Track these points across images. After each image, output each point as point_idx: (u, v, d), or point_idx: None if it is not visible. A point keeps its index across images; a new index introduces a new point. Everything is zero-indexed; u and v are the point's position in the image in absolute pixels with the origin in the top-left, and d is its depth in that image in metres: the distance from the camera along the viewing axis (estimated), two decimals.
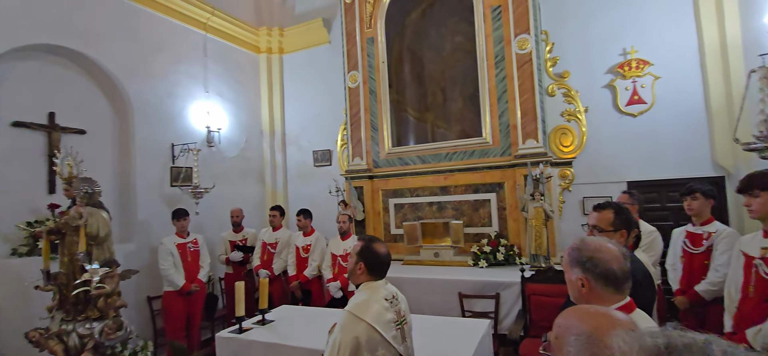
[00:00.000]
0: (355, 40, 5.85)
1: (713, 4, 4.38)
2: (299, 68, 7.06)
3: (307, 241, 4.96)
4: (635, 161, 4.78)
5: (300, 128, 7.04)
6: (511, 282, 3.99)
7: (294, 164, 7.09)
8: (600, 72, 5.00)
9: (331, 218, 5.93)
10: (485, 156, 5.07)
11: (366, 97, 5.81)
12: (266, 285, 3.38)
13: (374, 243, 2.04)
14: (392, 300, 1.99)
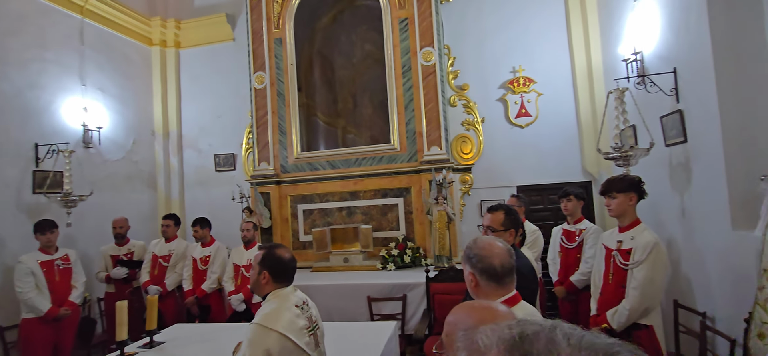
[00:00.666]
0: (262, 39, 5.61)
1: (582, 34, 5.11)
2: (199, 65, 6.54)
3: (205, 252, 4.57)
4: (523, 167, 5.33)
5: (199, 130, 6.51)
6: (417, 283, 4.15)
7: (192, 168, 6.52)
8: (494, 86, 5.49)
9: (234, 227, 5.56)
10: (393, 162, 5.22)
11: (274, 99, 5.60)
12: (155, 303, 3.02)
13: (277, 250, 1.95)
14: (303, 306, 1.93)
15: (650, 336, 2.55)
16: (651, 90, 3.54)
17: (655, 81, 3.50)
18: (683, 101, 3.33)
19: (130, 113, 5.99)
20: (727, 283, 2.94)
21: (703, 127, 3.10)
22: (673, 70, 3.39)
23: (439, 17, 5.20)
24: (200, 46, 6.52)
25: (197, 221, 4.66)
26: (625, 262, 2.62)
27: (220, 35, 6.43)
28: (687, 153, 3.35)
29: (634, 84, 3.68)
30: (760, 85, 2.81)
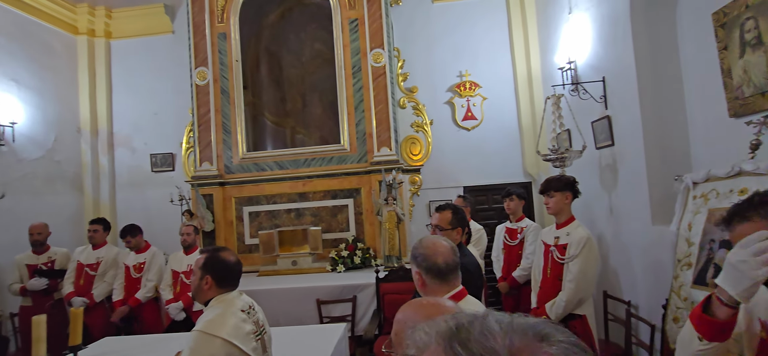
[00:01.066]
0: (205, 33, 5.33)
1: (522, 43, 5.40)
2: (133, 58, 6.07)
3: (140, 258, 4.23)
4: (469, 168, 5.52)
5: (133, 128, 6.04)
6: (367, 284, 4.14)
7: (125, 168, 6.03)
8: (442, 90, 5.64)
9: (173, 231, 5.22)
10: (343, 163, 5.18)
11: (217, 96, 5.34)
12: (80, 316, 2.74)
13: (221, 253, 1.85)
14: (249, 310, 1.85)
15: (583, 325, 2.74)
16: (583, 97, 3.81)
17: (586, 89, 3.77)
18: (611, 107, 3.62)
19: (51, 107, 5.42)
20: (649, 274, 3.23)
21: (627, 132, 3.39)
22: (602, 79, 3.68)
23: (389, 19, 5.24)
24: (135, 37, 6.06)
25: (126, 230, 4.23)
26: (561, 257, 2.79)
27: (157, 27, 6.02)
28: (614, 156, 3.65)
29: (569, 91, 3.95)
30: (674, 94, 3.13)
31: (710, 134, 2.88)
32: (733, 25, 2.54)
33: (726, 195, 2.42)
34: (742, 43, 2.49)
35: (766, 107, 2.38)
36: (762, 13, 2.34)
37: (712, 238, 2.43)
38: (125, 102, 6.06)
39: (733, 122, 2.61)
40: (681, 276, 2.61)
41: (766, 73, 2.36)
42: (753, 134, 2.36)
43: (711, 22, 2.68)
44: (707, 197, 2.54)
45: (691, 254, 2.55)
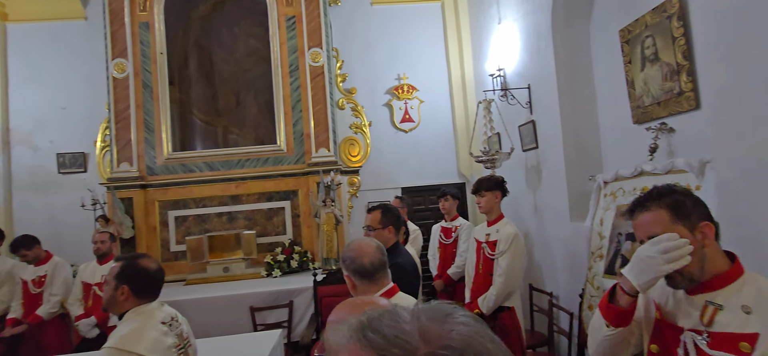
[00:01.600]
0: (123, 21, 4.87)
1: (457, 49, 5.63)
2: (36, 45, 5.38)
3: (40, 271, 3.71)
4: (406, 170, 5.62)
5: (35, 123, 5.35)
6: (304, 288, 4.04)
7: (24, 169, 5.31)
8: (380, 91, 5.69)
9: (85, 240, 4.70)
10: (280, 164, 5.02)
11: (138, 91, 4.91)
12: None
13: (139, 260, 1.69)
14: (171, 322, 1.70)
15: (512, 316, 2.90)
16: (511, 103, 4.06)
17: (514, 95, 4.02)
18: (535, 112, 3.89)
19: None
20: (567, 266, 3.51)
21: (549, 135, 3.66)
22: (527, 87, 3.94)
23: (327, 19, 5.18)
24: (38, 21, 5.38)
25: (19, 243, 3.65)
26: (492, 253, 2.93)
27: (66, 11, 5.39)
28: (538, 157, 3.92)
29: (499, 97, 4.18)
30: (588, 101, 3.44)
31: (618, 138, 3.21)
32: (636, 42, 2.85)
33: (631, 193, 2.70)
34: (643, 58, 2.81)
35: (662, 115, 2.70)
36: (659, 32, 2.65)
37: (619, 231, 2.69)
38: (25, 94, 5.34)
39: (636, 128, 2.92)
40: (594, 266, 2.86)
41: (661, 85, 2.68)
42: (651, 139, 2.67)
43: (618, 37, 2.98)
44: (615, 195, 2.82)
45: (603, 247, 2.81)
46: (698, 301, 1.14)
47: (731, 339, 1.06)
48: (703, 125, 2.35)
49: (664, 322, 1.23)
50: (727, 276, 1.12)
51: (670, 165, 2.38)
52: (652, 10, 2.65)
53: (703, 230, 1.14)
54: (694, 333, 1.12)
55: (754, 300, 1.07)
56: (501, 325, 2.85)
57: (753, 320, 1.05)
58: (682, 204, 1.16)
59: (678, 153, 2.55)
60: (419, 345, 0.40)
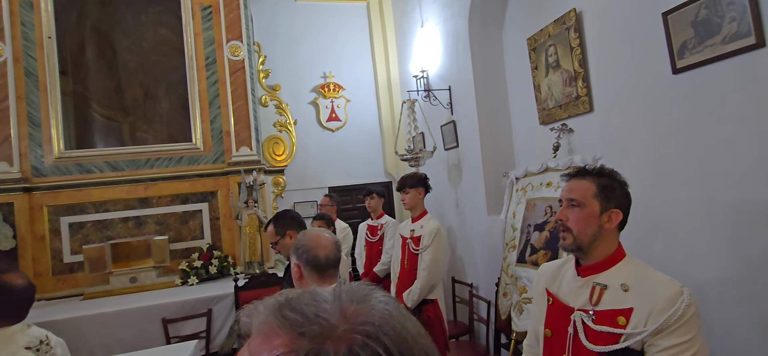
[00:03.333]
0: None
1: (382, 49, 5.71)
2: None
3: None
4: (334, 169, 5.58)
5: None
6: (224, 294, 3.80)
7: None
8: (306, 89, 5.57)
9: None
10: (196, 163, 4.67)
11: (19, 79, 4.25)
12: None
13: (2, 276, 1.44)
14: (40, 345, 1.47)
15: (435, 308, 3.01)
16: (434, 103, 4.22)
17: (436, 95, 4.18)
18: (456, 113, 4.09)
19: None
20: (485, 258, 3.74)
21: (468, 134, 3.87)
22: (448, 88, 4.13)
23: (247, 11, 4.94)
24: None
25: None
26: (416, 248, 3.02)
27: None
28: (459, 156, 4.13)
29: (422, 97, 4.31)
30: (502, 103, 3.70)
31: (527, 138, 3.49)
32: (541, 50, 3.12)
33: (538, 188, 2.95)
34: (547, 64, 3.09)
35: (563, 116, 2.99)
36: (560, 42, 2.94)
37: (529, 223, 2.93)
38: None
39: (542, 128, 3.20)
40: (508, 256, 3.08)
41: (562, 90, 2.97)
42: (554, 138, 2.94)
43: (526, 45, 3.24)
44: (525, 190, 3.07)
45: (515, 238, 3.04)
46: (587, 282, 1.27)
47: (611, 315, 1.18)
48: (595, 126, 2.65)
49: (556, 304, 1.34)
50: (612, 259, 1.27)
51: (570, 162, 2.64)
52: (554, 22, 2.93)
53: (611, 214, 1.26)
54: (582, 312, 1.24)
55: (631, 279, 1.21)
56: (425, 318, 2.94)
57: (629, 296, 1.19)
58: (611, 188, 1.27)
59: (576, 151, 2.85)
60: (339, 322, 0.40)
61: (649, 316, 1.12)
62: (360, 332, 0.40)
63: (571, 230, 1.25)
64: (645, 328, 1.11)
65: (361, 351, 0.38)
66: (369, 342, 0.39)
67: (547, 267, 1.47)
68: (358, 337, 0.39)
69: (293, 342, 0.39)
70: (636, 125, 2.09)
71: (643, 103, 2.04)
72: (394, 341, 0.40)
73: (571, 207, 1.28)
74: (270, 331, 0.41)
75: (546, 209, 2.77)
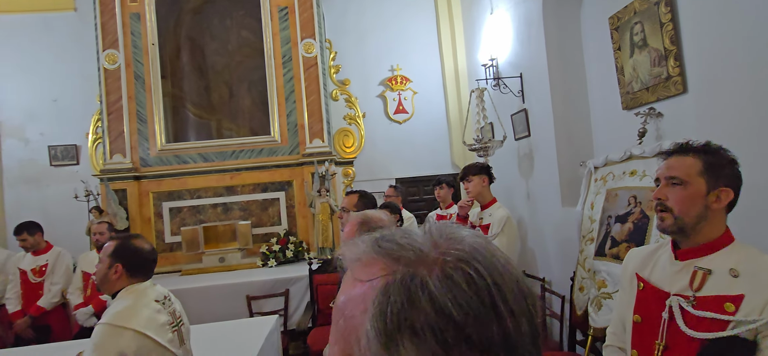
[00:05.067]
0: (114, 12, 4.83)
1: (450, 39, 5.65)
2: (25, 37, 5.31)
3: (40, 260, 3.70)
4: (400, 161, 5.66)
5: (27, 116, 5.30)
6: (300, 277, 4.07)
7: (15, 162, 5.27)
8: (374, 83, 5.71)
9: (77, 231, 4.70)
10: (274, 154, 5.03)
11: (130, 82, 4.88)
12: None
13: (133, 240, 1.71)
14: (164, 301, 1.72)
15: None
16: (504, 91, 4.10)
17: (506, 83, 4.06)
18: (527, 101, 3.94)
19: None
20: (559, 251, 3.57)
21: (541, 123, 3.71)
22: (519, 75, 3.98)
23: (320, 10, 5.18)
24: (27, 12, 5.31)
25: (22, 227, 3.70)
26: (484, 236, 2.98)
27: (55, 2, 5.34)
28: (531, 145, 3.97)
29: (491, 86, 4.21)
30: (579, 88, 3.49)
31: (608, 124, 3.26)
32: (625, 28, 2.89)
33: (620, 177, 2.75)
34: (632, 44, 2.85)
35: (650, 100, 2.75)
36: (647, 19, 2.70)
37: (609, 214, 2.75)
38: (15, 86, 5.29)
39: (625, 114, 2.98)
40: (585, 250, 2.92)
41: (650, 70, 2.73)
42: (640, 123, 2.72)
43: (608, 24, 3.03)
44: (605, 179, 2.88)
45: (593, 230, 2.87)
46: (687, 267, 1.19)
47: (717, 301, 1.10)
48: (689, 109, 2.41)
49: (648, 289, 1.27)
50: (718, 242, 1.17)
51: (658, 148, 2.43)
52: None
53: (720, 193, 1.16)
54: (680, 298, 1.17)
55: (742, 264, 1.11)
56: None
57: (739, 282, 1.09)
58: (719, 165, 1.17)
59: (666, 137, 2.61)
60: (431, 250, 0.43)
61: (765, 305, 1.03)
62: (452, 256, 0.42)
63: (672, 210, 1.17)
64: (760, 317, 1.02)
65: (454, 273, 0.41)
66: (462, 265, 0.41)
67: (636, 252, 1.39)
68: (450, 260, 0.42)
69: (389, 267, 0.43)
70: (738, 104, 1.88)
71: (748, 80, 1.82)
72: (485, 266, 0.42)
73: (672, 186, 1.19)
74: (368, 260, 0.45)
75: (629, 199, 2.58)
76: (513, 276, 0.44)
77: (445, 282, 0.40)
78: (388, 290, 0.41)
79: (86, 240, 4.47)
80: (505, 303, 0.41)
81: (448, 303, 0.39)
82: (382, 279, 0.42)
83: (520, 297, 0.43)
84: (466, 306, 0.39)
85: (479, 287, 0.41)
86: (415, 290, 0.40)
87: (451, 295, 0.40)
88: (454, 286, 0.40)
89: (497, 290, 0.41)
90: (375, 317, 0.40)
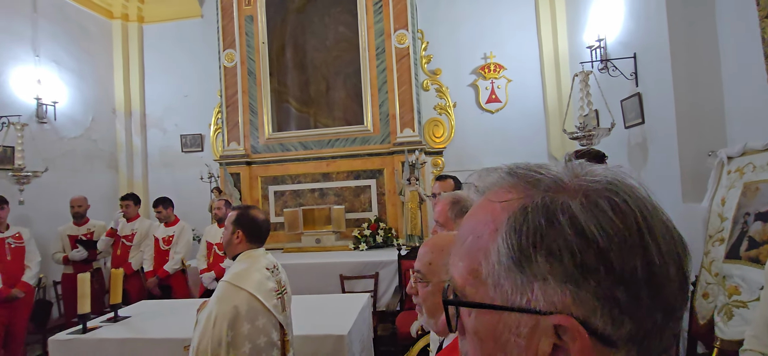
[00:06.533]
0: (232, 15, 5.45)
1: (549, 23, 5.29)
2: (164, 42, 6.27)
3: (169, 232, 4.41)
4: (492, 151, 5.47)
5: (164, 110, 6.26)
6: (389, 261, 4.20)
7: (156, 149, 6.27)
8: (466, 72, 5.60)
9: (201, 208, 5.43)
10: (366, 143, 5.24)
11: (244, 78, 5.47)
12: (120, 277, 2.92)
13: (251, 210, 1.95)
14: (273, 269, 1.93)
15: None
16: (613, 75, 3.72)
17: (616, 65, 3.68)
18: (642, 84, 3.53)
19: (89, 88, 5.67)
20: None
21: (658, 108, 3.30)
22: (633, 56, 3.58)
23: (413, 1, 5.23)
24: (166, 21, 6.25)
25: (159, 201, 4.48)
26: None
27: (187, 11, 6.19)
28: (644, 134, 3.56)
29: (598, 69, 3.86)
30: (709, 67, 3.03)
31: (746, 108, 2.78)
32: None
33: (763, 168, 2.34)
34: None
35: None
36: None
37: (747, 211, 2.36)
38: (157, 85, 6.28)
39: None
40: (712, 251, 2.54)
41: None
42: None
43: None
44: (743, 171, 2.47)
45: (724, 229, 2.48)
46: None
47: None
48: None
49: None
50: None
51: None
52: None
53: None
54: None
55: None
56: None
57: None
58: None
59: None
60: (571, 179, 0.42)
61: None
62: (597, 185, 0.40)
63: None
64: None
65: (599, 200, 0.39)
66: (608, 193, 0.39)
67: None
68: (595, 188, 0.40)
69: (526, 192, 0.42)
70: None
71: None
72: (633, 199, 0.40)
73: None
74: (504, 185, 0.45)
75: None
76: (662, 217, 0.41)
77: (588, 208, 0.39)
78: (526, 210, 0.40)
79: (208, 216, 5.14)
80: (654, 238, 0.38)
81: (591, 226, 0.38)
82: (518, 201, 0.42)
83: (670, 239, 0.40)
84: (610, 232, 0.37)
85: (626, 215, 0.38)
86: (556, 211, 0.39)
87: (595, 220, 0.38)
88: (599, 212, 0.38)
89: (645, 223, 0.38)
90: (509, 234, 0.40)
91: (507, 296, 0.40)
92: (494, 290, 0.41)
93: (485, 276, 0.42)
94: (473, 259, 0.43)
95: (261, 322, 1.77)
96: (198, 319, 1.83)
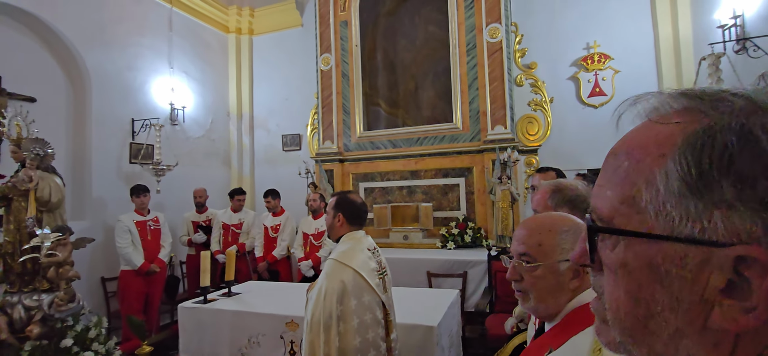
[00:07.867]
0: (329, 22, 5.80)
1: (668, 4, 4.68)
2: (269, 51, 6.91)
3: (276, 221, 4.86)
4: (595, 150, 4.97)
5: (268, 112, 6.89)
6: (478, 261, 4.09)
7: (261, 147, 6.93)
8: (565, 64, 5.21)
9: (298, 202, 5.85)
10: (455, 141, 5.17)
11: (338, 80, 5.77)
12: (233, 256, 3.28)
13: (349, 194, 2.05)
14: (374, 250, 2.01)
15: None
16: (753, 54, 3.17)
17: (758, 44, 3.12)
18: None
19: (209, 94, 6.49)
20: None
21: None
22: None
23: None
24: (271, 32, 6.88)
25: (269, 192, 4.97)
26: None
27: (289, 21, 6.74)
28: None
29: (732, 50, 3.31)
30: None
31: None
32: None
33: None
34: None
35: None
36: None
37: None
38: (263, 89, 6.94)
39: None
40: None
41: None
42: None
43: None
44: None
45: None
46: None
47: None
48: None
49: None
50: None
51: None
52: None
53: None
54: None
55: None
56: None
57: None
58: None
59: None
60: (757, 97, 0.37)
61: None
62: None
63: None
64: None
65: None
66: None
67: None
68: None
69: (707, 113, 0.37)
70: None
71: None
72: None
73: None
74: (673, 107, 0.40)
75: None
76: None
77: None
78: (712, 130, 0.36)
79: (305, 209, 5.53)
80: None
81: None
82: (695, 123, 0.37)
83: None
84: None
85: None
86: (755, 132, 0.34)
87: None
88: None
89: None
90: (685, 157, 0.36)
91: (673, 224, 0.36)
92: (655, 218, 0.37)
93: (645, 203, 0.38)
94: (631, 185, 0.40)
95: (366, 299, 1.86)
96: (308, 297, 1.97)
